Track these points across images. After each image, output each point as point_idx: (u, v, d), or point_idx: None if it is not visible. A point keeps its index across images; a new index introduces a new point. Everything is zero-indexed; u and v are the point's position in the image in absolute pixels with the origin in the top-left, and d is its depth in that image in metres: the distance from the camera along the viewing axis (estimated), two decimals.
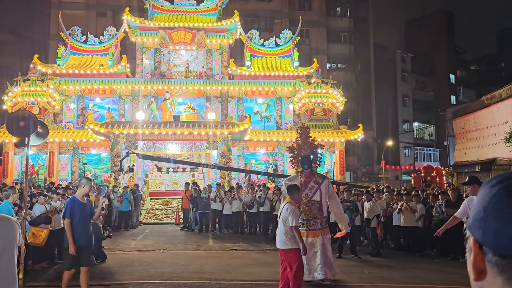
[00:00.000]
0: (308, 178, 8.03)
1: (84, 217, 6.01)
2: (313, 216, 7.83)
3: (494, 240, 0.77)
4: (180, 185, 19.61)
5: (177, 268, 8.90)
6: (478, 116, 23.36)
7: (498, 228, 0.77)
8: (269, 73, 24.19)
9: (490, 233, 0.78)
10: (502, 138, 18.70)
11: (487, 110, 22.24)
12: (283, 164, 23.28)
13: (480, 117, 23.09)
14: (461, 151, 25.39)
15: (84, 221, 6.02)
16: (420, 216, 11.40)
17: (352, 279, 8.07)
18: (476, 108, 23.83)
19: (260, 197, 14.81)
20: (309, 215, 7.82)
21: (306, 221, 7.80)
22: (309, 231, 7.74)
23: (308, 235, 7.70)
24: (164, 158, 18.52)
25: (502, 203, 0.78)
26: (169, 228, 16.05)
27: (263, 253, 10.80)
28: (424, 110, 50.13)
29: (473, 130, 23.82)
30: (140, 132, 19.43)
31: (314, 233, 7.75)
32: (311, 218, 7.82)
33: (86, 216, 6.06)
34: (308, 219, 7.81)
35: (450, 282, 7.92)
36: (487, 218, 0.79)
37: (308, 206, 7.85)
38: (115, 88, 23.33)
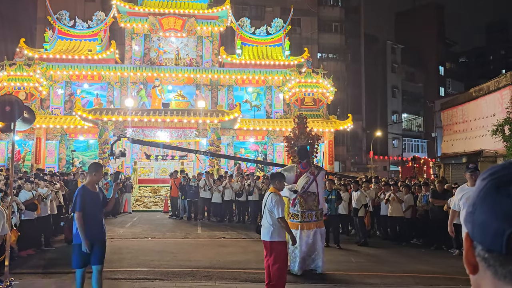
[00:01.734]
0: (304, 169, 7.90)
1: (96, 208, 5.35)
2: (308, 208, 7.73)
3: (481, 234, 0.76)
4: (169, 173, 19.52)
5: (165, 256, 8.89)
6: (466, 108, 23.58)
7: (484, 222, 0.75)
8: (260, 62, 24.05)
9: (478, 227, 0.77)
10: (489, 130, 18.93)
11: (475, 103, 22.46)
12: (273, 153, 23.30)
13: (468, 109, 23.31)
14: (448, 142, 25.67)
15: (97, 213, 5.35)
16: (408, 207, 11.53)
17: (339, 268, 8.15)
18: (464, 100, 24.04)
19: (250, 186, 14.83)
20: (305, 207, 7.71)
21: (301, 212, 7.69)
22: (304, 223, 7.66)
23: (303, 227, 7.62)
24: (155, 143, 18.19)
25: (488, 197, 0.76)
26: (157, 216, 16.02)
27: (251, 242, 10.84)
28: (413, 102, 50.53)
29: (461, 122, 24.07)
30: (129, 119, 19.24)
31: (309, 225, 7.68)
32: (307, 210, 7.72)
33: (98, 207, 5.39)
34: (304, 211, 7.70)
35: (435, 271, 8.04)
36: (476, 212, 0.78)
37: (304, 198, 7.74)
38: (103, 74, 23.01)
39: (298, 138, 8.40)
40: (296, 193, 7.63)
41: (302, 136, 8.39)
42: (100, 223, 5.36)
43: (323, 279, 7.24)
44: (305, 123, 8.61)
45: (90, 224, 5.17)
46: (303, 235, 7.59)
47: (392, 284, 6.92)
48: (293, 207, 7.77)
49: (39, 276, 7.24)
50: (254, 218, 14.59)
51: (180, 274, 7.39)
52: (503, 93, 19.68)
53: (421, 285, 6.91)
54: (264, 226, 6.08)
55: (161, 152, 21.71)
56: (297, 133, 8.47)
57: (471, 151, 21.31)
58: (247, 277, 7.27)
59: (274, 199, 5.98)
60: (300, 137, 8.39)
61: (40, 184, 9.99)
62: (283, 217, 5.98)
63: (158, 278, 7.06)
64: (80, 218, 5.12)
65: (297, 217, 7.72)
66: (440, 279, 7.40)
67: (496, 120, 18.87)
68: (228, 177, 15.75)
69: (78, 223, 5.12)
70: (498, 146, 18.86)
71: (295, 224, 7.62)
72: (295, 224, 7.61)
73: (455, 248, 10.03)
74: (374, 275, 7.60)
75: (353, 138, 41.47)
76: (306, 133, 8.46)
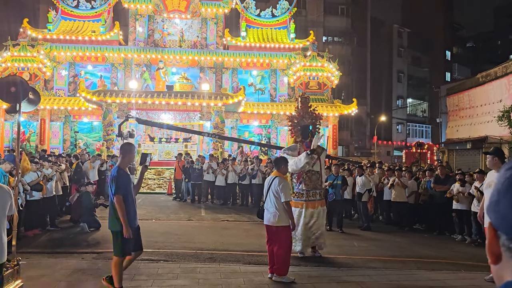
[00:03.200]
0: (308, 148, 7.92)
1: (132, 192, 5.05)
2: (313, 187, 7.78)
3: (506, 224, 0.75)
4: (172, 156, 19.58)
5: (169, 238, 8.98)
6: (472, 93, 23.38)
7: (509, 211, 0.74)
8: (265, 45, 23.84)
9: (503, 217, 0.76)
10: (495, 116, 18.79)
11: (482, 88, 22.25)
12: (276, 137, 23.29)
13: (474, 94, 23.11)
14: (453, 128, 25.54)
15: (133, 196, 5.06)
16: (411, 192, 11.55)
17: (342, 252, 8.21)
18: (471, 85, 23.82)
19: (253, 169, 14.86)
20: (310, 186, 7.75)
21: (306, 191, 7.73)
22: (309, 202, 7.71)
23: (308, 205, 7.68)
24: (161, 124, 17.99)
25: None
26: (161, 198, 16.13)
27: (254, 225, 10.91)
28: (419, 87, 50.13)
29: (467, 108, 23.90)
30: (133, 101, 19.22)
31: (313, 204, 7.73)
32: (311, 189, 7.76)
33: (132, 190, 5.08)
34: (308, 190, 7.74)
35: (437, 256, 8.10)
36: (500, 201, 0.76)
37: (309, 176, 7.77)
38: (107, 56, 22.90)
39: (303, 118, 8.35)
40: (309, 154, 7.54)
41: (307, 116, 8.35)
42: (135, 207, 5.12)
43: (325, 262, 7.31)
44: (308, 103, 8.57)
45: (129, 208, 4.93)
46: (307, 213, 7.63)
47: (394, 269, 6.98)
48: (298, 185, 7.79)
49: (46, 255, 7.34)
50: (257, 201, 14.65)
51: (184, 256, 7.48)
52: (511, 79, 19.49)
53: (423, 269, 6.96)
54: (268, 211, 6.08)
55: (164, 135, 21.74)
56: (302, 113, 8.41)
57: (476, 137, 21.22)
58: (250, 260, 7.35)
59: (281, 184, 5.98)
60: (304, 117, 8.34)
61: (45, 165, 10.05)
62: (288, 202, 6.01)
63: (162, 259, 7.15)
64: (122, 201, 4.81)
65: (302, 196, 7.75)
66: (442, 264, 7.45)
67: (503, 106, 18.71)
68: (231, 160, 15.77)
69: (120, 207, 4.79)
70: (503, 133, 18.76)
71: (300, 202, 7.68)
72: (300, 203, 7.67)
73: (458, 233, 10.08)
74: (377, 259, 7.66)
75: (357, 122, 41.34)
76: (310, 113, 8.43)
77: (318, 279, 6.21)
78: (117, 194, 4.84)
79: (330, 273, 6.55)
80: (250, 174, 14.84)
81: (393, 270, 6.83)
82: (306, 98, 8.71)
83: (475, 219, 8.57)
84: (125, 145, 5.27)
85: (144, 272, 6.19)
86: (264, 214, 6.17)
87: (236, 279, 6.04)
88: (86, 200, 10.01)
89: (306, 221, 7.60)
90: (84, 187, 10.55)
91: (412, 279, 6.31)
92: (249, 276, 6.21)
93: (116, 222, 4.91)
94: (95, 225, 9.79)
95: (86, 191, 10.28)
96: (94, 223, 9.82)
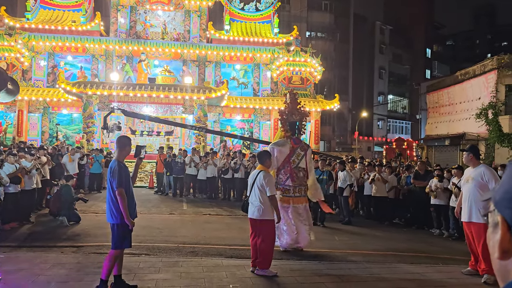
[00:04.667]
0: (296, 144, 7.99)
1: (131, 184, 5.12)
2: (299, 183, 7.83)
3: None
4: (154, 149, 19.40)
5: (151, 232, 8.91)
6: (451, 91, 23.83)
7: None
8: (248, 39, 23.77)
9: None
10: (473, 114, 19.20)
11: (461, 86, 22.70)
12: (259, 131, 23.30)
13: (453, 92, 23.56)
14: (432, 124, 26.01)
15: (132, 189, 5.13)
16: (391, 187, 11.73)
17: (323, 246, 8.29)
18: (450, 83, 24.27)
19: (236, 163, 14.85)
20: (296, 182, 7.80)
21: (293, 187, 7.78)
22: (295, 198, 7.76)
23: (294, 201, 7.73)
24: (148, 116, 17.73)
25: None
26: (142, 192, 15.97)
27: (236, 219, 10.92)
28: (399, 83, 50.82)
29: (446, 105, 24.36)
30: (114, 93, 18.93)
31: (299, 199, 7.79)
32: (298, 185, 7.82)
33: (131, 182, 5.15)
34: (295, 186, 7.79)
35: (416, 249, 8.26)
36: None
37: (296, 173, 7.83)
38: (88, 47, 22.47)
39: (292, 114, 8.37)
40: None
41: (296, 112, 8.38)
42: (134, 199, 5.15)
43: (307, 256, 7.37)
44: (296, 99, 8.61)
45: (130, 200, 4.99)
46: (293, 209, 7.67)
47: (375, 262, 7.08)
48: (284, 181, 7.80)
49: (24, 249, 7.20)
50: (239, 195, 14.67)
51: (166, 250, 7.43)
52: (488, 77, 19.92)
53: (402, 263, 7.08)
54: (253, 204, 6.09)
55: (146, 128, 21.52)
56: (291, 108, 8.43)
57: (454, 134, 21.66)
58: (233, 253, 7.35)
59: (267, 178, 6.00)
60: (293, 113, 8.36)
61: (27, 158, 9.83)
62: (274, 195, 6.04)
63: (144, 253, 7.09)
64: (124, 194, 4.86)
65: (288, 192, 7.78)
66: (421, 257, 7.60)
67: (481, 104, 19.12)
68: (212, 153, 15.70)
69: (122, 200, 4.83)
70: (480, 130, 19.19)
71: (286, 198, 7.71)
72: (286, 199, 7.70)
73: (436, 228, 10.29)
74: (357, 253, 7.76)
75: (339, 118, 41.70)
76: (298, 109, 8.46)
77: (300, 272, 6.26)
78: (119, 187, 4.86)
79: (311, 267, 6.61)
80: (233, 168, 14.83)
81: (374, 264, 6.93)
82: (295, 94, 8.75)
83: (452, 214, 8.76)
84: (122, 138, 5.25)
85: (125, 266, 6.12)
86: (249, 207, 6.18)
87: (219, 272, 6.04)
88: (67, 193, 9.83)
89: (292, 217, 7.64)
90: (63, 180, 10.36)
91: (392, 272, 6.42)
92: (232, 269, 6.21)
93: (115, 215, 4.92)
94: (75, 219, 9.64)
95: (66, 184, 10.10)
96: (74, 217, 9.67)
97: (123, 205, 4.84)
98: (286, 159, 7.79)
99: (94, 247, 7.44)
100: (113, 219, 4.95)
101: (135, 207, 5.15)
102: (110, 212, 4.98)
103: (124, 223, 4.91)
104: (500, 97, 18.98)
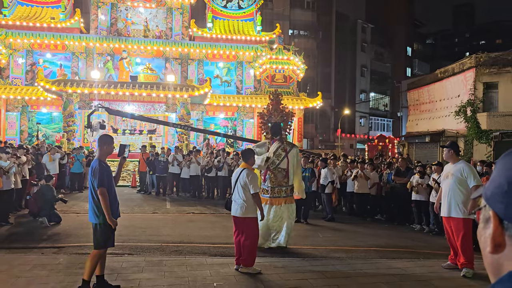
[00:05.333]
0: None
1: (113, 184, 5.05)
2: (278, 184, 7.86)
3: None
4: (137, 148, 19.22)
5: (134, 231, 8.83)
6: (431, 88, 24.23)
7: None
8: (231, 37, 23.73)
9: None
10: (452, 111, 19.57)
11: (440, 84, 23.09)
12: (242, 129, 23.30)
13: (433, 90, 23.96)
14: (413, 122, 26.41)
15: (114, 188, 5.09)
16: (373, 184, 11.87)
17: (306, 243, 8.35)
18: (430, 81, 24.67)
19: (219, 162, 14.83)
20: (275, 183, 7.84)
21: (271, 188, 7.82)
22: (274, 198, 7.79)
23: (272, 202, 7.76)
24: (132, 114, 17.46)
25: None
26: (125, 191, 15.81)
27: (220, 217, 10.91)
28: (381, 81, 51.42)
29: (427, 102, 24.76)
30: (95, 91, 18.68)
31: (278, 200, 7.82)
32: (276, 186, 7.85)
33: (113, 181, 5.10)
34: (273, 186, 7.83)
35: (397, 245, 8.38)
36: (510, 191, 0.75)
37: (274, 174, 7.86)
38: (67, 44, 22.09)
39: (271, 115, 8.42)
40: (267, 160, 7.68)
41: (276, 113, 8.42)
42: (117, 199, 5.10)
43: (290, 253, 7.41)
44: (279, 100, 8.64)
45: (112, 200, 4.94)
46: (271, 210, 7.74)
47: (357, 258, 7.17)
48: (264, 182, 7.89)
49: (3, 251, 7.05)
50: (223, 193, 14.66)
51: (149, 249, 7.38)
52: (467, 75, 20.30)
53: (384, 258, 7.18)
54: (236, 202, 6.10)
55: (128, 126, 21.30)
56: (271, 109, 8.47)
57: (434, 131, 22.03)
58: (217, 252, 7.34)
59: (250, 175, 6.02)
60: (273, 114, 8.41)
61: (3, 157, 9.61)
62: (257, 193, 6.06)
63: (127, 253, 7.02)
64: (106, 194, 4.81)
65: (267, 192, 7.85)
66: (402, 252, 7.73)
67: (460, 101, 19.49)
68: (195, 152, 15.65)
69: (104, 200, 4.77)
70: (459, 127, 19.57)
71: (265, 199, 7.77)
72: (265, 199, 7.75)
73: (417, 223, 10.47)
74: (340, 249, 7.84)
75: (322, 116, 41.99)
76: (280, 110, 8.49)
77: (284, 269, 6.29)
78: (101, 186, 4.81)
79: (295, 264, 6.65)
80: (216, 167, 14.80)
81: (356, 260, 7.01)
82: (278, 95, 8.77)
83: (433, 209, 8.93)
84: (104, 137, 5.18)
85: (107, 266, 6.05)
86: (232, 205, 6.19)
87: (203, 271, 6.03)
88: (48, 193, 9.66)
89: (270, 217, 7.68)
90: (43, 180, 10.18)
91: (374, 268, 6.51)
92: (216, 268, 6.21)
93: (97, 215, 4.87)
94: (55, 219, 9.49)
95: (47, 184, 9.92)
96: (54, 217, 9.51)
97: (105, 205, 4.79)
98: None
99: (75, 248, 7.34)
100: (95, 219, 4.90)
101: (117, 206, 5.11)
102: (92, 212, 4.93)
103: (106, 223, 4.87)
104: (478, 95, 19.38)
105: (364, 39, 48.74)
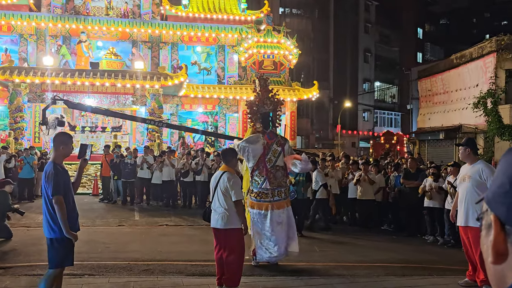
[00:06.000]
0: (271, 139, 7.84)
1: (71, 190, 4.99)
2: (278, 185, 7.70)
3: None
4: (99, 148, 19.08)
5: (95, 247, 8.79)
6: (446, 77, 24.49)
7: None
8: (211, 16, 23.70)
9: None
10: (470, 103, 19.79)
11: (456, 71, 23.35)
12: (225, 125, 23.30)
13: (448, 78, 24.21)
14: (425, 116, 26.68)
15: (73, 196, 5.02)
16: (379, 189, 11.95)
17: (302, 258, 8.38)
18: (445, 68, 24.91)
19: (198, 164, 14.80)
20: (274, 184, 7.66)
21: (271, 190, 7.65)
22: (274, 202, 7.63)
23: (273, 206, 7.59)
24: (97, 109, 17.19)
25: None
26: (85, 200, 15.71)
27: (199, 229, 10.90)
28: (387, 68, 51.74)
29: (441, 93, 25.02)
30: (48, 81, 18.52)
31: (279, 204, 7.66)
32: (276, 187, 7.69)
33: (72, 188, 5.03)
34: (273, 188, 7.65)
35: (407, 260, 8.48)
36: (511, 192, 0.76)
37: (273, 173, 7.70)
38: (14, 24, 21.83)
39: (264, 104, 8.21)
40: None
41: (268, 102, 8.23)
42: (75, 209, 5.06)
43: (283, 271, 7.44)
44: (267, 86, 8.49)
45: (70, 209, 4.86)
46: (274, 216, 7.57)
47: (360, 276, 7.23)
48: (261, 184, 7.70)
49: None
50: (202, 202, 14.64)
51: (114, 268, 7.35)
52: (487, 61, 20.55)
53: (392, 275, 7.26)
54: (216, 212, 6.08)
55: (88, 123, 21.15)
56: (262, 97, 8.27)
57: (449, 126, 22.27)
58: (195, 270, 7.35)
59: (231, 180, 5.99)
60: (266, 103, 8.21)
61: None
62: (240, 200, 6.04)
63: (87, 274, 6.98)
64: (63, 203, 4.73)
65: (266, 196, 7.63)
66: (413, 268, 7.82)
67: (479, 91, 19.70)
68: (168, 152, 15.58)
69: (61, 210, 4.70)
70: (478, 121, 19.82)
71: (265, 204, 7.60)
72: (265, 204, 7.59)
73: (429, 234, 10.59)
74: (340, 266, 7.90)
75: (319, 109, 42.18)
76: (271, 98, 8.32)
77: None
78: (56, 194, 4.72)
79: (288, 283, 6.68)
80: (194, 170, 14.78)
81: (359, 277, 7.07)
82: (266, 80, 8.65)
83: (448, 217, 9.02)
84: (60, 135, 5.15)
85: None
86: (211, 215, 6.17)
87: None
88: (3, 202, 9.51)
89: (275, 225, 7.53)
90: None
91: (380, 287, 6.57)
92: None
93: (53, 228, 4.81)
94: (5, 235, 9.35)
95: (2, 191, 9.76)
96: (4, 232, 9.37)
97: (61, 216, 4.71)
98: (260, 158, 7.71)
99: (25, 268, 7.27)
100: (51, 233, 4.84)
101: (77, 218, 5.07)
102: (47, 225, 4.87)
103: (64, 237, 4.81)
104: (500, 84, 19.63)
105: (368, 19, 49.05)
